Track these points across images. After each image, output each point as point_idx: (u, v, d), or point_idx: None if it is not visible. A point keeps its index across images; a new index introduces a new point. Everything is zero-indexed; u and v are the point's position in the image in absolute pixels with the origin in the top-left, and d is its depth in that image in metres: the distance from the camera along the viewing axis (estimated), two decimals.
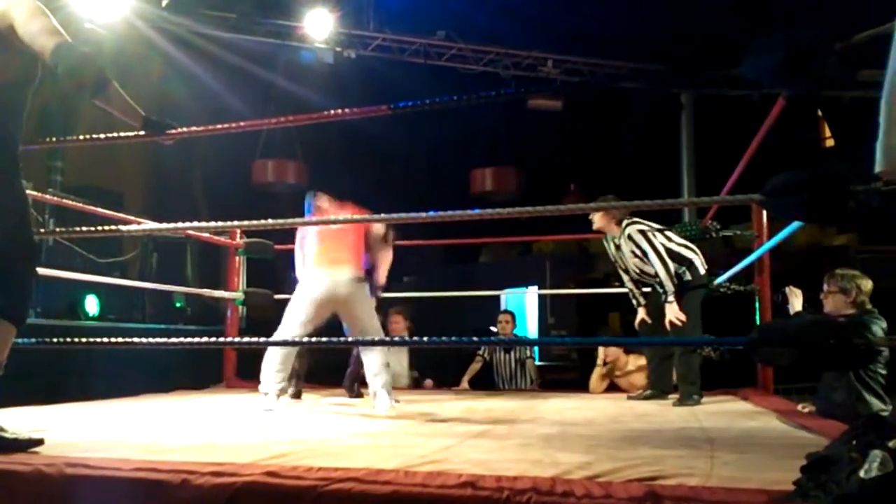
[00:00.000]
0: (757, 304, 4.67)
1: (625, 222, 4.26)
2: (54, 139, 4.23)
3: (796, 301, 4.04)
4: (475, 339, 5.47)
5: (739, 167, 4.03)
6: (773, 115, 3.31)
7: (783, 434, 2.89)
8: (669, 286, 4.12)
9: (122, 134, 2.76)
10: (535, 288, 7.86)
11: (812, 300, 4.11)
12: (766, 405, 3.88)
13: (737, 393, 4.58)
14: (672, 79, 8.53)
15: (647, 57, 8.31)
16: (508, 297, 7.94)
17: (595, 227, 4.41)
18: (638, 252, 4.23)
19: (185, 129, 2.70)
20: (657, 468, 1.92)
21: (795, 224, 2.92)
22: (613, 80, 8.55)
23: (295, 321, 3.91)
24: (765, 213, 4.54)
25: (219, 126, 2.94)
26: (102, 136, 2.81)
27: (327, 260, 3.93)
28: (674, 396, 4.28)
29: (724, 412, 3.72)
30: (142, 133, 2.64)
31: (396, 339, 5.28)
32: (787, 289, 4.11)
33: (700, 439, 2.62)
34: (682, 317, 4.12)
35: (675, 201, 4.39)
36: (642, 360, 5.35)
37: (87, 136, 2.90)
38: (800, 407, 3.71)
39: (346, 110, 2.78)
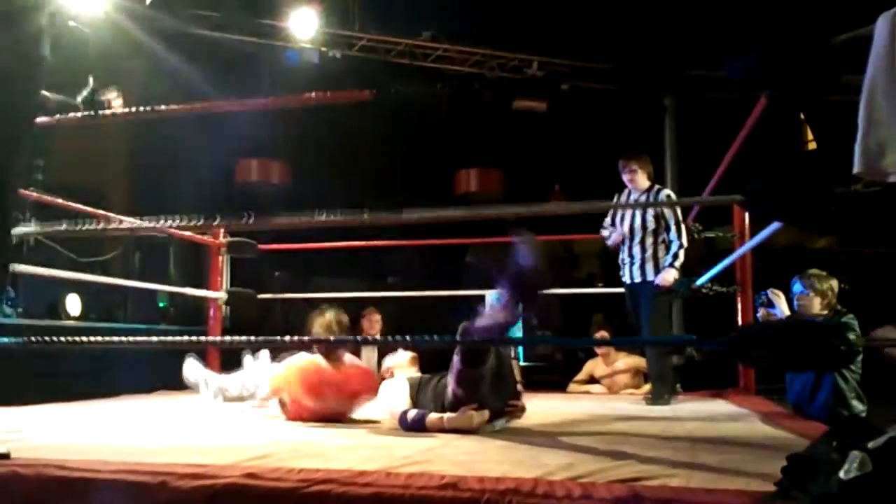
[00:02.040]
0: (738, 305, 4.71)
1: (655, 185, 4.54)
2: None
3: (782, 303, 4.07)
4: (439, 337, 5.45)
5: (721, 168, 4.06)
6: (754, 116, 3.33)
7: (765, 435, 2.90)
8: (681, 250, 4.32)
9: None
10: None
11: (790, 301, 4.14)
12: (748, 406, 3.91)
13: (719, 394, 4.61)
14: (652, 80, 8.57)
15: (632, 59, 8.35)
16: (494, 297, 7.93)
17: (629, 177, 4.56)
18: (667, 211, 4.39)
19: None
20: (640, 469, 1.92)
21: (775, 225, 2.94)
22: (594, 82, 8.59)
23: None
24: (746, 214, 4.57)
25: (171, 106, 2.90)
26: None
27: None
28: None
29: (706, 413, 3.74)
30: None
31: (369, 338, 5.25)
32: (769, 291, 4.14)
33: (682, 440, 2.63)
34: (672, 280, 4.31)
35: (657, 203, 4.42)
36: (631, 359, 5.37)
37: None
38: None
39: (329, 93, 2.77)
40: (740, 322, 4.66)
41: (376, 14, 8.27)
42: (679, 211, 4.45)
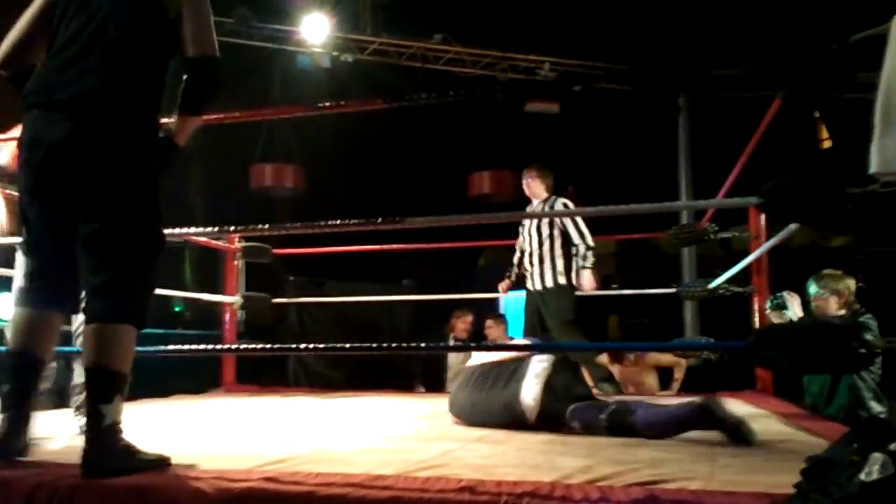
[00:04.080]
0: (754, 307, 4.67)
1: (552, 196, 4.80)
2: None
3: (796, 305, 4.05)
4: (434, 346, 5.49)
5: (736, 169, 4.04)
6: (769, 116, 3.32)
7: (784, 436, 2.88)
8: (589, 251, 4.63)
9: None
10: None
11: (805, 303, 4.12)
12: (766, 407, 3.88)
13: (736, 395, 4.58)
14: (666, 81, 8.55)
15: (645, 59, 8.33)
16: (507, 301, 7.92)
17: (525, 185, 4.90)
18: (558, 219, 4.69)
19: None
20: (658, 472, 1.92)
21: (792, 226, 2.93)
22: (605, 82, 8.57)
23: None
24: (762, 215, 4.54)
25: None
26: None
27: None
28: None
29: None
30: None
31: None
32: (785, 293, 4.12)
33: (700, 442, 2.61)
34: (595, 286, 4.66)
35: (672, 205, 4.42)
36: (663, 358, 5.38)
37: None
38: None
39: (343, 103, 2.78)
40: (757, 324, 4.63)
41: (387, 18, 8.29)
42: (579, 217, 4.71)
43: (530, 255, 4.76)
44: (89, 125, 2.00)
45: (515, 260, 5.01)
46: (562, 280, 4.70)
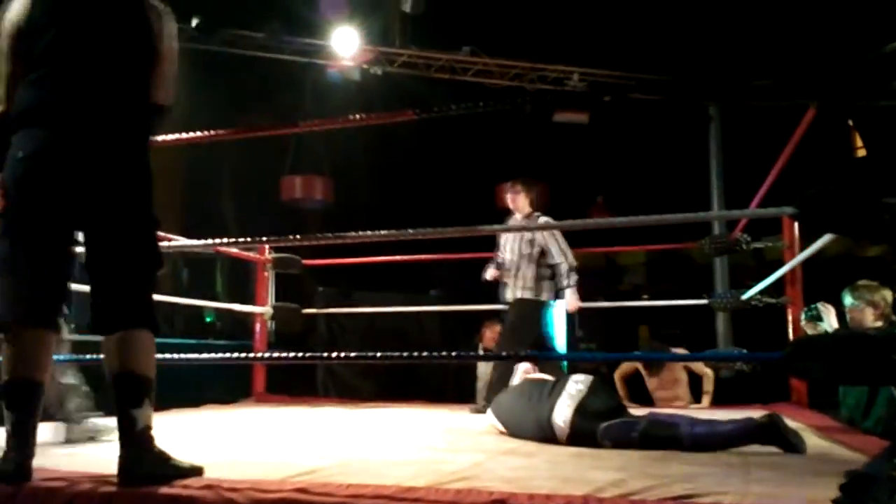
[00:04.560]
0: (789, 318, 4.61)
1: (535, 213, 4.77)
2: None
3: (831, 317, 3.98)
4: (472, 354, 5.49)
5: (770, 178, 3.99)
6: (803, 125, 3.28)
7: (820, 450, 2.83)
8: (572, 272, 4.67)
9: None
10: (563, 301, 7.79)
11: (841, 315, 4.05)
12: (801, 419, 3.82)
13: (770, 407, 4.51)
14: (696, 90, 8.48)
15: (675, 69, 8.28)
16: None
17: (510, 199, 4.80)
18: (539, 237, 4.63)
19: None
20: (691, 486, 1.89)
21: (827, 236, 2.88)
22: (635, 92, 8.53)
23: None
24: (796, 224, 4.49)
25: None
26: None
27: None
28: None
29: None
30: None
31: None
32: (819, 305, 4.05)
33: (734, 455, 2.58)
34: (579, 305, 4.76)
35: (704, 215, 4.37)
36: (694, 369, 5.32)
37: None
38: None
39: (373, 115, 2.80)
40: (791, 335, 4.56)
41: (416, 30, 8.34)
42: (559, 235, 4.65)
43: (509, 272, 4.79)
44: (101, 147, 2.09)
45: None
46: (527, 294, 4.73)
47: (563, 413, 2.90)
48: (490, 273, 4.98)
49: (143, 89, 2.22)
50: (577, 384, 3.00)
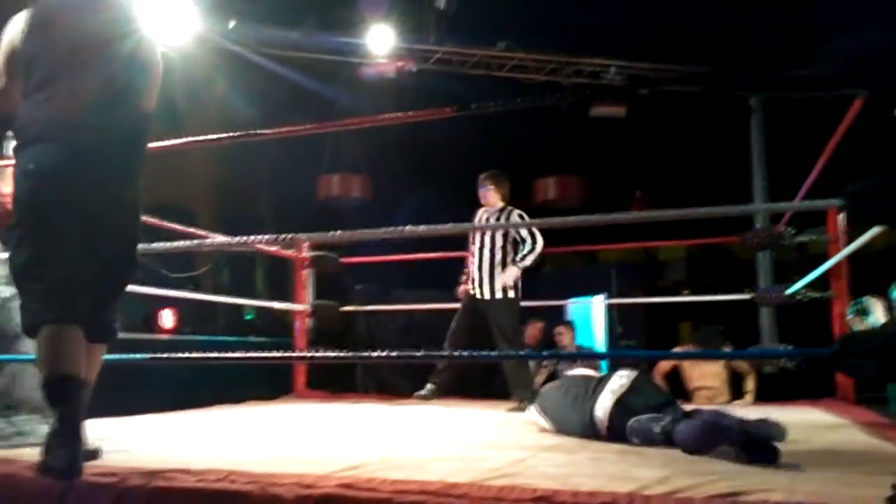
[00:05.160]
0: (833, 312, 4.51)
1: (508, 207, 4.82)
2: None
3: (878, 311, 3.89)
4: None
5: (814, 171, 3.91)
6: (849, 116, 3.21)
7: (868, 447, 2.77)
8: (531, 254, 4.64)
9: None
10: (602, 297, 7.75)
11: (889, 308, 3.96)
12: (848, 416, 3.74)
13: (816, 403, 4.43)
14: (736, 81, 8.34)
15: (712, 61, 8.14)
16: (574, 308, 7.85)
17: (483, 194, 4.86)
18: (513, 231, 4.69)
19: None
20: (736, 483, 1.86)
21: (875, 229, 2.82)
22: (674, 84, 8.41)
23: None
24: (841, 217, 4.40)
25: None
26: None
27: None
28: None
29: (803, 424, 3.58)
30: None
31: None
32: (866, 298, 3.97)
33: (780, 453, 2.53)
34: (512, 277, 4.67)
35: (749, 207, 4.30)
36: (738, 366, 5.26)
37: None
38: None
39: (412, 112, 2.81)
40: (836, 330, 4.47)
41: (451, 27, 8.33)
42: (535, 229, 4.71)
43: (480, 263, 4.75)
44: (110, 171, 2.28)
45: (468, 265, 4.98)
46: (510, 294, 4.71)
47: (604, 405, 2.89)
48: (460, 290, 5.05)
49: (138, 101, 2.42)
50: (621, 378, 2.99)
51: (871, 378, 1.91)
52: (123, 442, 2.78)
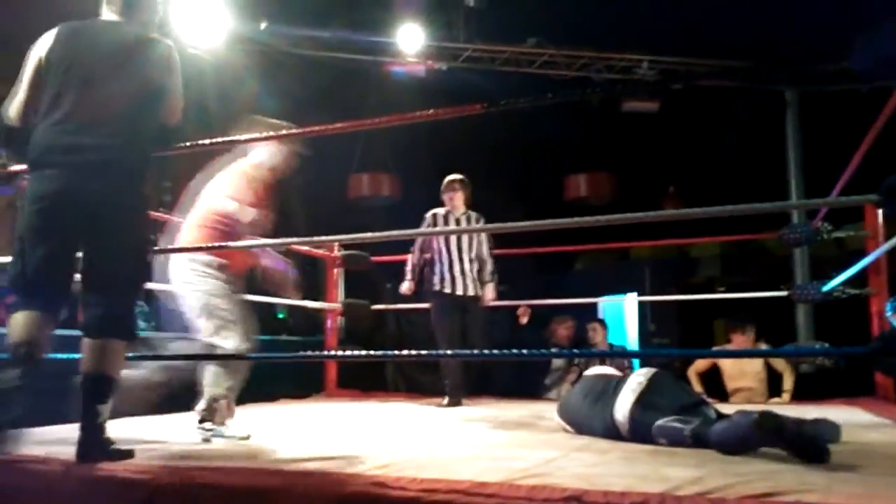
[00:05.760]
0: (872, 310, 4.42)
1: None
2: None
3: None
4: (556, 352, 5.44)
5: (851, 166, 3.83)
6: (888, 109, 3.13)
7: None
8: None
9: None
10: (634, 295, 7.67)
11: None
12: (888, 415, 3.66)
13: (854, 402, 4.34)
14: (772, 75, 8.21)
15: (746, 55, 8.01)
16: (606, 305, 7.78)
17: (450, 196, 5.05)
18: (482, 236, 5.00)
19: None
20: (771, 483, 1.83)
21: None
22: (708, 79, 8.30)
23: None
24: (879, 212, 4.30)
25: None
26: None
27: None
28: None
29: (841, 423, 3.51)
30: None
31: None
32: None
33: None
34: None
35: (784, 204, 4.24)
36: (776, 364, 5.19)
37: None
38: None
39: (440, 110, 2.81)
40: (875, 328, 4.37)
41: (480, 24, 8.30)
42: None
43: (459, 261, 4.90)
44: (107, 185, 2.39)
45: (416, 261, 5.11)
46: (478, 292, 4.97)
47: (624, 406, 2.85)
48: (407, 286, 5.13)
49: (149, 121, 2.54)
50: (639, 377, 2.94)
51: None
52: (157, 440, 2.82)
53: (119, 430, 2.58)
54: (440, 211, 5.05)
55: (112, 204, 2.42)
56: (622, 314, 8.10)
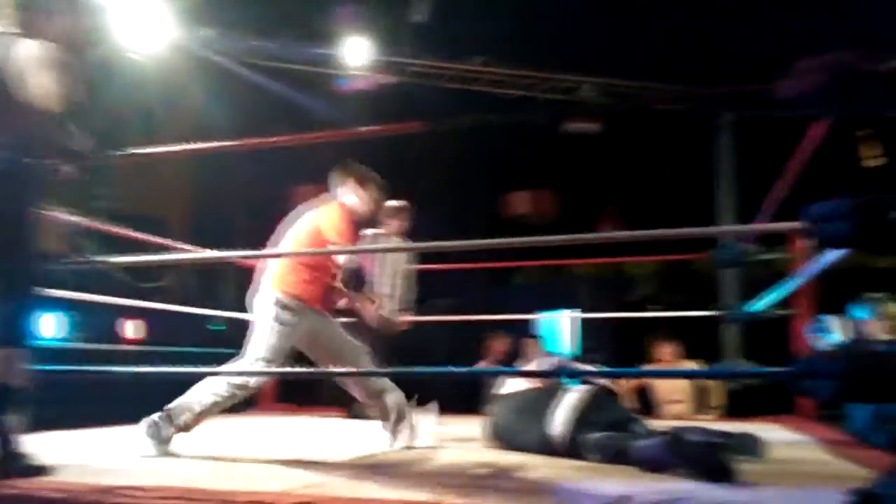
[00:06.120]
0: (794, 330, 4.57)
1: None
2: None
3: (840, 330, 3.94)
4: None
5: (780, 189, 3.97)
6: (814, 136, 3.26)
7: (827, 465, 2.81)
8: None
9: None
10: (571, 312, 7.76)
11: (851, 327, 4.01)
12: (809, 433, 3.79)
13: (776, 420, 4.48)
14: (708, 100, 8.45)
15: (685, 78, 8.25)
16: (543, 321, 7.86)
17: (392, 226, 4.90)
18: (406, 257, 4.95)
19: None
20: (694, 501, 1.87)
21: (839, 252, 2.86)
22: (645, 103, 8.51)
23: None
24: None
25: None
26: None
27: None
28: None
29: (764, 441, 3.62)
30: None
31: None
32: (828, 317, 4.02)
33: (741, 470, 2.55)
34: None
35: (712, 230, 4.36)
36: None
37: None
38: None
39: (383, 126, 2.81)
40: (797, 348, 4.53)
41: (429, 40, 8.35)
42: None
43: (393, 289, 4.92)
44: None
45: None
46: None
47: (558, 424, 2.89)
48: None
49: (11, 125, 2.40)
50: (575, 395, 2.98)
51: (829, 400, 1.93)
52: (77, 456, 2.72)
53: (45, 443, 2.48)
54: (371, 232, 4.97)
55: None
56: (558, 330, 8.19)
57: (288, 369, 3.25)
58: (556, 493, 2.06)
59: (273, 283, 3.30)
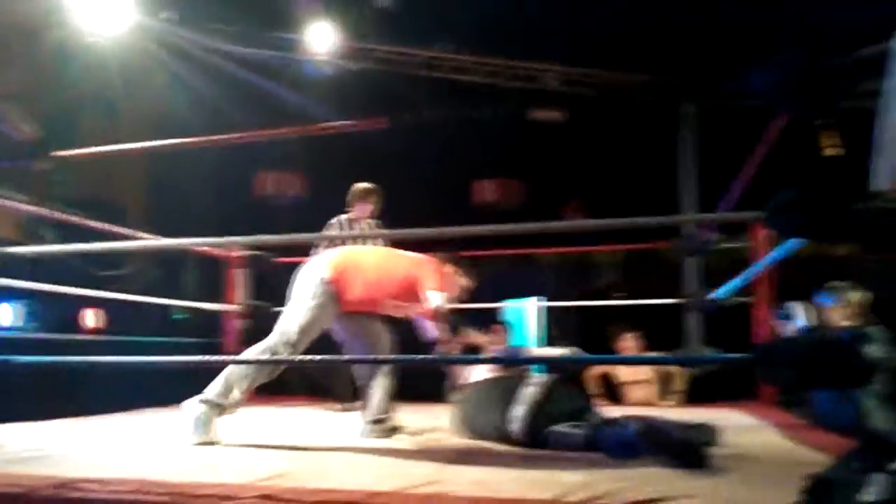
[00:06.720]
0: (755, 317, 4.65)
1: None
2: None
3: (802, 316, 4.01)
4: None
5: (742, 179, 4.03)
6: (775, 127, 3.30)
7: (785, 450, 2.86)
8: None
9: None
10: (536, 300, 7.80)
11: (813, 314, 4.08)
12: (768, 418, 3.85)
13: (737, 405, 4.56)
14: (672, 90, 8.50)
15: (652, 68, 8.29)
16: (509, 309, 7.88)
17: (367, 211, 4.87)
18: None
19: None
20: (660, 488, 1.89)
21: (797, 241, 2.90)
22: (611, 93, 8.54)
23: None
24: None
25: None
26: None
27: None
28: None
29: (725, 427, 3.67)
30: None
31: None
32: (791, 304, 4.09)
33: None
34: None
35: (675, 218, 4.40)
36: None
37: None
38: None
39: (347, 122, 2.78)
40: (757, 335, 4.61)
41: (392, 26, 8.28)
42: None
43: None
44: None
45: None
46: None
47: (518, 416, 2.90)
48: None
49: None
50: (534, 386, 2.99)
51: (788, 386, 1.96)
52: (33, 449, 2.66)
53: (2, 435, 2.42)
54: (343, 217, 4.92)
55: None
56: (524, 319, 8.22)
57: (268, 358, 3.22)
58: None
59: (328, 267, 3.35)
